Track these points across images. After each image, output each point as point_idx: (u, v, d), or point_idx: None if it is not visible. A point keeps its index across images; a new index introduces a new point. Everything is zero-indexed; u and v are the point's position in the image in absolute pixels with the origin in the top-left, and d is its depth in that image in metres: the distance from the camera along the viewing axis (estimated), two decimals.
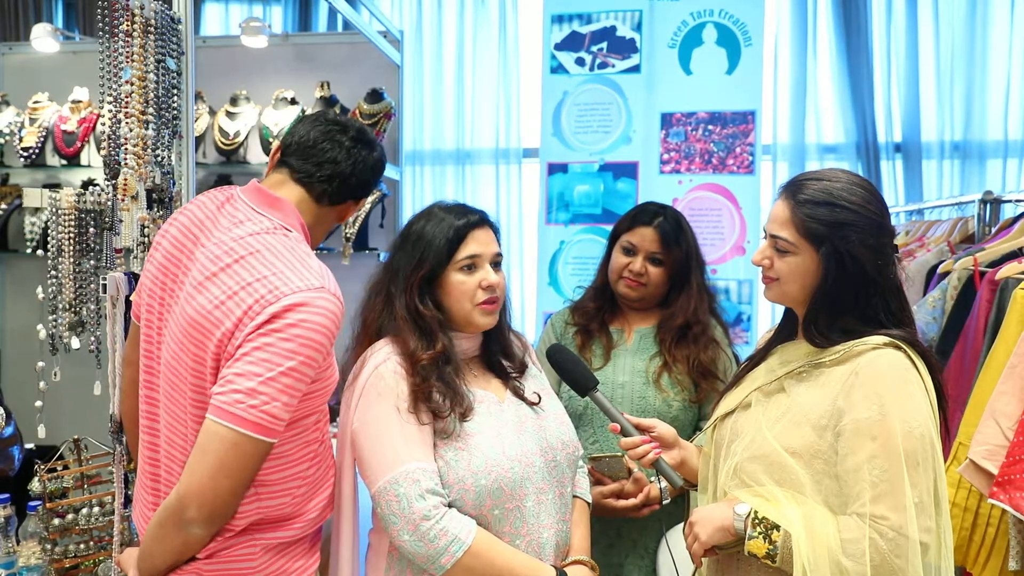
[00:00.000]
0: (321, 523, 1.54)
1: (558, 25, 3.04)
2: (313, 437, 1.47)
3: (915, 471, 1.28)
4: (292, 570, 1.47)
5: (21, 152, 3.53)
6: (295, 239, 1.46)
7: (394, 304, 1.56)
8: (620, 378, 2.02)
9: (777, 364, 1.50)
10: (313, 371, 1.35)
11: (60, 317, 2.36)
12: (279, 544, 1.45)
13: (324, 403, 1.49)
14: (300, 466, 1.45)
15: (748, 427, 1.45)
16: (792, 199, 1.43)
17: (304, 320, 1.33)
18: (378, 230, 3.59)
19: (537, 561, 1.50)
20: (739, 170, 2.88)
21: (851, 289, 1.39)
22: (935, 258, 2.69)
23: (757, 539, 1.33)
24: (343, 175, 1.53)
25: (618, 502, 1.83)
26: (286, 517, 1.45)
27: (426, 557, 1.41)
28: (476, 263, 1.57)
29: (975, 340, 2.11)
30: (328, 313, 1.36)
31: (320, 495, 1.51)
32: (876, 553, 1.26)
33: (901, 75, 4.12)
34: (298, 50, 3.80)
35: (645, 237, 2.04)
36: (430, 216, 1.61)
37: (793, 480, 1.36)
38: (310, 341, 1.33)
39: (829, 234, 1.38)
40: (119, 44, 2.00)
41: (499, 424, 1.54)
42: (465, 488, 1.46)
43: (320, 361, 1.36)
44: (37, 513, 2.03)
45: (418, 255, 1.57)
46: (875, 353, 1.36)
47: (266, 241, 1.42)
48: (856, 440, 1.31)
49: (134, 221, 1.99)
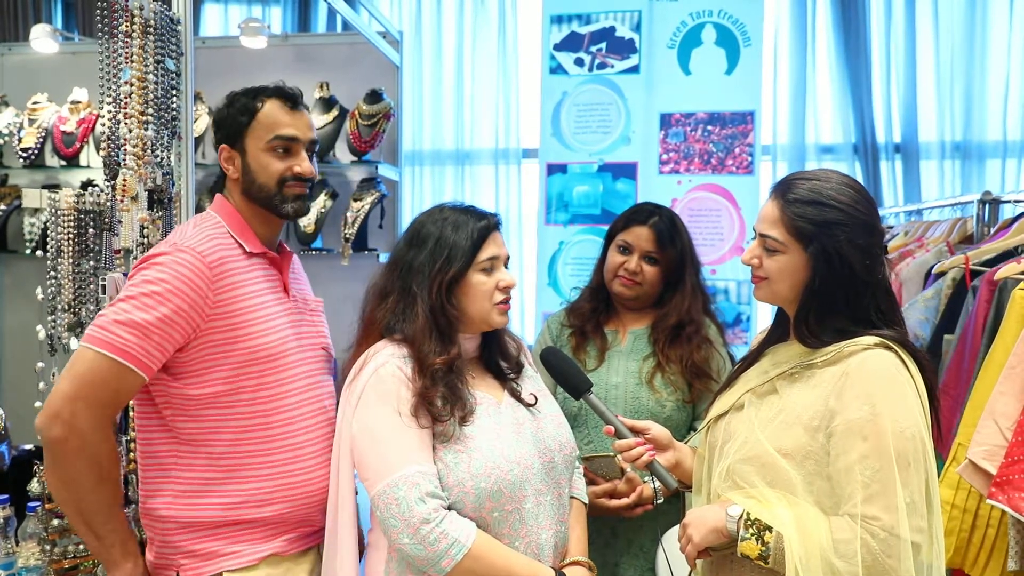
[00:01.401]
0: (261, 521, 1.60)
1: (557, 25, 3.04)
2: (229, 423, 1.58)
3: (906, 471, 1.29)
4: (223, 553, 1.58)
5: (20, 153, 3.53)
6: (204, 216, 1.69)
7: (415, 304, 1.55)
8: (614, 379, 2.03)
9: (769, 365, 1.50)
10: (167, 309, 1.49)
11: (59, 318, 2.35)
12: (197, 522, 1.57)
13: (237, 382, 1.58)
14: (208, 447, 1.58)
15: (741, 429, 1.45)
16: (781, 198, 1.44)
17: (152, 266, 1.54)
18: (377, 231, 3.59)
19: (536, 563, 1.50)
20: (738, 170, 2.88)
21: (840, 288, 1.39)
22: (934, 258, 2.69)
23: (749, 540, 1.33)
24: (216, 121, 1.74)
25: (611, 502, 1.84)
26: (197, 493, 1.58)
27: (426, 560, 1.42)
28: (494, 264, 1.59)
29: (974, 340, 2.11)
30: (169, 261, 1.53)
31: (242, 486, 1.58)
32: (868, 553, 1.26)
33: (900, 75, 4.12)
34: (297, 51, 3.80)
35: (640, 236, 2.05)
36: (446, 217, 1.60)
37: (785, 481, 1.36)
38: (150, 281, 1.51)
39: (817, 233, 1.38)
40: (118, 45, 2.00)
41: (498, 426, 1.55)
42: (465, 491, 1.46)
43: (177, 305, 1.50)
44: (36, 514, 2.03)
45: (444, 255, 1.55)
46: (866, 353, 1.36)
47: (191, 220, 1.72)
48: (847, 440, 1.31)
49: (133, 222, 2.00)
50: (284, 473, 1.62)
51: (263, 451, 1.61)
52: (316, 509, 1.65)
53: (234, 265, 1.60)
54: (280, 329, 1.64)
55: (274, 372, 1.61)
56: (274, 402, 1.62)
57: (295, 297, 1.74)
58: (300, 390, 1.66)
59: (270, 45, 3.66)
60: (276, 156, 1.66)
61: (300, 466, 1.63)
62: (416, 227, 1.63)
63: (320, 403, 1.69)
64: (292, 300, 1.72)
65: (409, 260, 1.59)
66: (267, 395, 1.61)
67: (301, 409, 1.65)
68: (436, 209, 1.64)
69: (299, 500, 1.63)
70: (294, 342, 1.67)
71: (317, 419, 1.67)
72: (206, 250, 1.56)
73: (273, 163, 1.66)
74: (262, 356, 1.59)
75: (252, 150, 1.66)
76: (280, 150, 1.66)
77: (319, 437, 1.67)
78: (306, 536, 1.67)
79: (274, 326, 1.63)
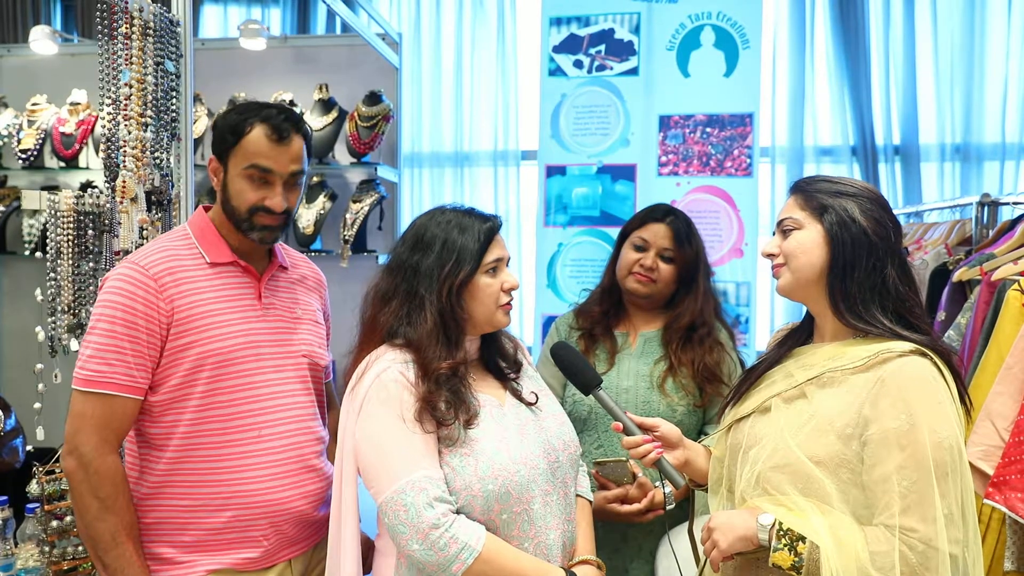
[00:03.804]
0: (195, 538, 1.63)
1: (556, 28, 3.05)
2: (181, 425, 1.61)
3: (944, 482, 1.27)
4: (177, 561, 1.62)
5: (19, 154, 3.54)
6: (175, 229, 1.77)
7: (424, 308, 1.54)
8: (624, 383, 2.01)
9: (796, 368, 1.48)
10: (123, 328, 1.55)
11: (59, 319, 2.36)
12: (158, 523, 1.63)
13: (188, 387, 1.61)
14: (166, 450, 1.62)
15: (769, 434, 1.42)
16: (799, 190, 1.49)
17: (105, 292, 1.60)
18: (376, 232, 3.59)
19: (546, 563, 1.49)
20: (737, 172, 2.88)
21: (860, 258, 1.39)
22: (934, 260, 2.69)
23: (782, 551, 1.30)
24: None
25: (622, 507, 1.83)
26: (144, 496, 1.64)
27: (437, 565, 1.41)
28: (499, 266, 1.59)
29: (972, 341, 2.12)
30: (116, 277, 1.60)
31: (197, 490, 1.62)
32: (905, 566, 1.24)
33: (899, 77, 4.13)
34: (296, 52, 3.80)
35: (658, 233, 2.05)
36: (449, 220, 1.59)
37: (818, 490, 1.34)
38: (104, 304, 1.58)
39: (832, 204, 1.42)
40: (118, 46, 2.00)
41: (502, 428, 1.54)
42: (473, 494, 1.46)
43: (131, 320, 1.56)
44: (35, 515, 2.03)
45: (452, 258, 1.54)
46: (902, 361, 1.34)
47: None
48: (884, 450, 1.29)
49: (133, 223, 2.00)
50: (242, 479, 1.63)
51: (221, 455, 1.63)
52: (281, 521, 1.66)
53: (189, 274, 1.64)
54: (238, 335, 1.65)
55: (230, 376, 1.63)
56: (232, 407, 1.63)
57: (272, 305, 1.73)
58: (264, 397, 1.66)
59: (269, 47, 3.67)
60: (251, 184, 1.64)
61: (259, 473, 1.64)
62: (418, 230, 1.60)
63: (290, 411, 1.70)
64: (266, 308, 1.72)
65: (415, 264, 1.56)
66: (223, 399, 1.62)
67: (265, 416, 1.66)
68: (437, 211, 1.63)
69: (257, 508, 1.63)
70: (263, 349, 1.68)
71: (286, 427, 1.68)
72: (150, 262, 1.61)
73: (247, 191, 1.64)
74: (213, 360, 1.61)
75: (232, 171, 1.66)
76: (256, 179, 1.63)
77: (286, 446, 1.67)
78: (269, 554, 1.67)
79: (230, 332, 1.64)
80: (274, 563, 1.69)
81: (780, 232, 1.48)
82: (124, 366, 1.56)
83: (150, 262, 1.61)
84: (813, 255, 1.43)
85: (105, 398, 1.55)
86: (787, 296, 1.50)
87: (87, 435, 1.54)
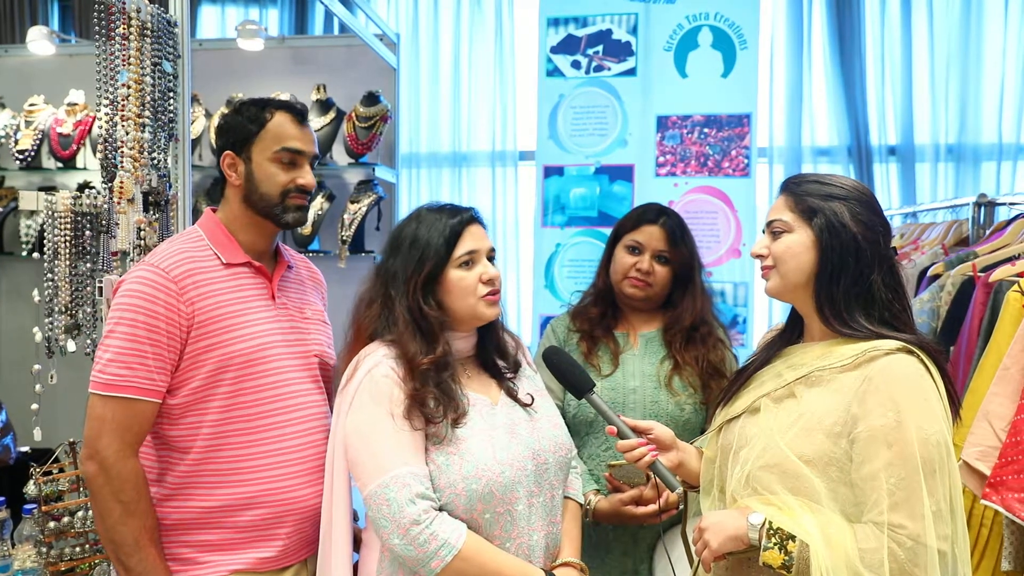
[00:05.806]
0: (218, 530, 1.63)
1: (554, 28, 3.05)
2: (205, 426, 1.61)
3: (932, 479, 1.27)
4: (201, 562, 1.62)
5: (17, 155, 3.53)
6: (187, 230, 1.75)
7: (394, 308, 1.56)
8: (631, 383, 2.00)
9: (784, 368, 1.48)
10: (144, 330, 1.55)
11: (56, 320, 2.35)
12: (181, 524, 1.63)
13: (211, 388, 1.61)
14: (189, 451, 1.62)
15: (758, 434, 1.43)
16: (787, 190, 1.49)
17: (123, 294, 1.60)
18: (374, 233, 3.59)
19: (526, 564, 1.50)
20: (734, 173, 2.88)
21: (847, 263, 1.39)
22: (929, 260, 2.70)
23: (772, 550, 1.31)
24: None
25: (637, 509, 1.83)
26: (163, 498, 1.63)
27: (416, 560, 1.42)
28: (474, 258, 1.59)
29: (969, 343, 2.12)
30: (135, 279, 1.60)
31: (221, 490, 1.61)
32: (894, 562, 1.25)
33: (896, 78, 4.14)
34: (294, 53, 3.80)
35: (652, 235, 2.04)
36: (420, 218, 1.62)
37: (808, 489, 1.34)
38: (122, 307, 1.58)
39: (821, 206, 1.42)
40: (115, 47, 2.00)
41: (491, 428, 1.55)
42: (456, 492, 1.47)
43: (152, 323, 1.56)
44: (33, 516, 2.03)
45: (417, 256, 1.57)
46: (889, 359, 1.35)
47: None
48: (872, 447, 1.30)
49: (130, 224, 2.00)
50: (264, 479, 1.63)
51: (244, 455, 1.63)
52: (301, 520, 1.66)
53: (207, 276, 1.64)
54: (259, 336, 1.66)
55: (253, 377, 1.64)
56: (255, 407, 1.64)
57: (284, 305, 1.75)
58: (283, 396, 1.67)
59: (267, 47, 3.66)
60: (282, 167, 1.70)
61: (280, 472, 1.64)
62: (395, 233, 1.65)
63: (306, 411, 1.70)
64: (279, 308, 1.73)
65: (388, 266, 1.61)
66: (247, 400, 1.63)
67: (284, 416, 1.67)
68: (414, 212, 1.66)
69: (278, 507, 1.64)
70: (279, 349, 1.69)
71: (303, 426, 1.68)
72: (170, 265, 1.62)
73: (279, 174, 1.70)
74: (237, 362, 1.62)
75: (258, 159, 1.69)
76: (286, 161, 1.70)
77: (303, 445, 1.68)
78: (287, 553, 1.68)
79: (251, 332, 1.65)
80: (291, 563, 1.69)
81: (769, 233, 1.48)
82: (145, 369, 1.56)
83: (169, 265, 1.61)
84: (802, 260, 1.43)
85: (126, 402, 1.55)
86: (775, 298, 1.52)
87: (108, 439, 1.54)
